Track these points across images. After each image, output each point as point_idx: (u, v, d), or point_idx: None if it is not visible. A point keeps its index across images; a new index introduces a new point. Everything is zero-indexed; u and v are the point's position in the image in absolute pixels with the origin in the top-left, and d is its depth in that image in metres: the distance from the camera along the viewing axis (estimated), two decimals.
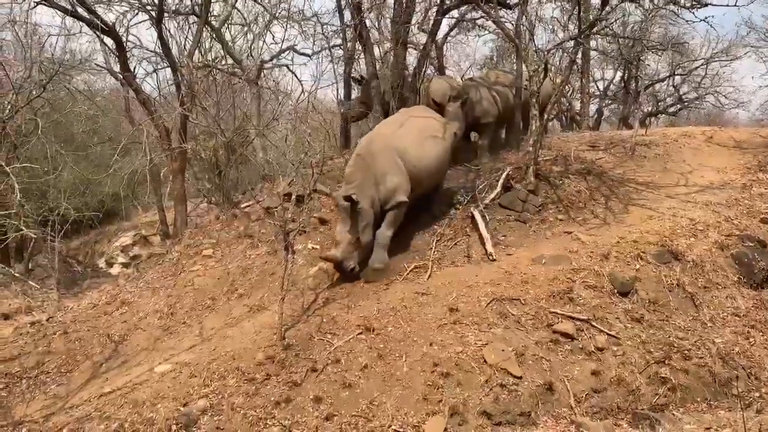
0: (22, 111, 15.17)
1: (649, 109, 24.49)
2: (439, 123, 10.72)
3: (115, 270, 17.57)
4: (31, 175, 15.71)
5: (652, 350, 7.41)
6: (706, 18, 11.02)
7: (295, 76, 20.40)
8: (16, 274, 15.54)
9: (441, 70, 16.93)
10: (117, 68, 14.94)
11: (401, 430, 6.24)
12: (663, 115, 25.81)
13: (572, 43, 12.31)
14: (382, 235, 9.37)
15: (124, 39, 13.58)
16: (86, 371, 8.52)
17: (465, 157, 12.56)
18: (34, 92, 14.80)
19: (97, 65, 17.30)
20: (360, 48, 13.94)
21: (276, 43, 17.96)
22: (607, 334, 7.55)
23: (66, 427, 6.66)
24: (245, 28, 17.64)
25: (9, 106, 14.54)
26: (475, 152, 12.81)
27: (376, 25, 15.46)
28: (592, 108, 24.05)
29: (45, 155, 16.14)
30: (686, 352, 7.41)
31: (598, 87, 25.31)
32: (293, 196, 9.47)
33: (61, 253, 15.08)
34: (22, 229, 13.96)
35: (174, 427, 6.27)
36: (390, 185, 9.34)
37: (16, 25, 15.13)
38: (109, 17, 12.23)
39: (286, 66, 18.31)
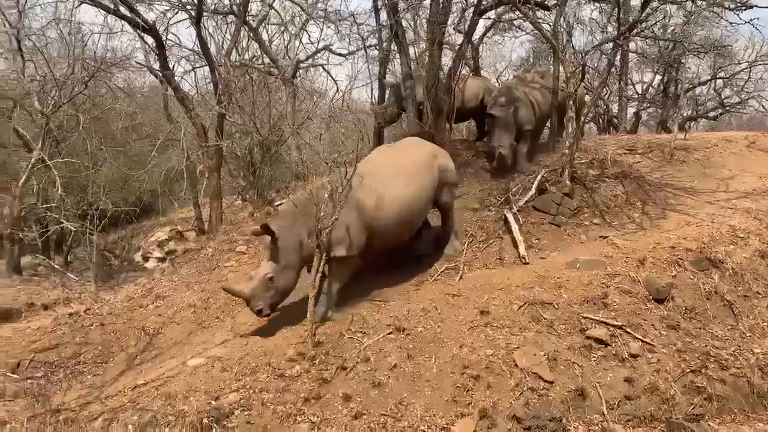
0: (65, 107, 15.57)
1: (689, 113, 23.99)
2: (426, 157, 9.09)
3: (151, 264, 17.87)
4: (72, 170, 16.11)
5: (687, 359, 7.25)
6: (751, 20, 10.79)
7: (330, 75, 20.64)
8: (56, 266, 15.97)
9: (476, 71, 16.86)
10: (156, 66, 15.22)
11: (430, 431, 6.23)
12: (703, 119, 25.29)
13: (611, 45, 12.13)
14: (328, 286, 8.46)
15: (163, 38, 13.82)
16: (121, 363, 8.68)
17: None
18: (76, 89, 15.18)
19: (137, 63, 17.65)
20: (395, 48, 13.94)
21: (312, 43, 18.10)
22: (642, 340, 7.41)
23: (101, 417, 6.79)
24: (282, 28, 17.81)
25: (52, 102, 14.94)
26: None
27: (412, 26, 15.45)
28: (630, 111, 23.67)
29: (85, 151, 16.55)
30: (723, 361, 7.23)
31: (636, 90, 24.90)
32: (326, 195, 9.52)
33: (98, 247, 15.39)
34: (62, 222, 14.39)
35: (205, 421, 6.34)
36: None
37: (60, 23, 15.52)
38: (150, 16, 12.49)
39: (322, 66, 18.44)
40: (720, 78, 23.27)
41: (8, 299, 11.87)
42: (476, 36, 16.46)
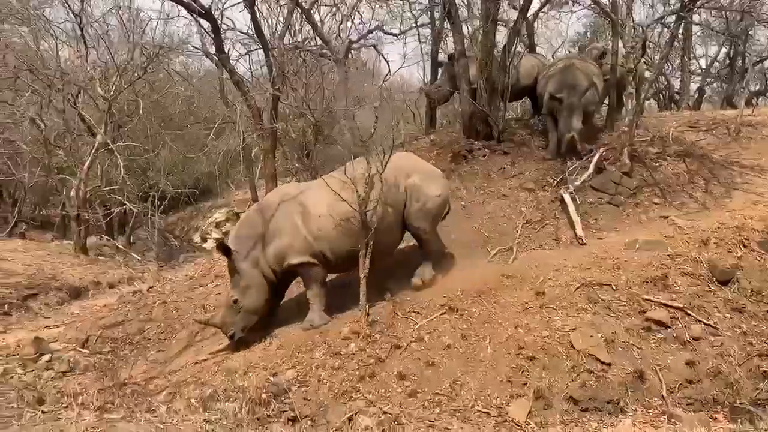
0: (125, 92, 16.05)
1: (757, 87, 22.90)
2: (394, 176, 8.27)
3: (209, 245, 18.32)
4: (133, 153, 16.68)
5: (753, 342, 6.99)
6: None
7: (382, 56, 20.49)
8: (120, 246, 16.59)
9: (532, 47, 16.49)
10: (212, 50, 15.47)
11: (485, 410, 6.23)
12: None
13: (674, 17, 11.66)
14: (308, 295, 8.25)
15: (219, 22, 14.02)
16: (183, 339, 8.99)
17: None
18: (135, 74, 15.61)
19: (194, 47, 18.06)
20: (448, 26, 13.76)
21: (364, 23, 18.05)
22: (704, 323, 7.18)
23: (165, 390, 7.07)
24: (334, 9, 17.83)
25: (114, 88, 15.41)
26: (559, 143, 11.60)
27: (465, 2, 15.21)
28: (693, 87, 22.75)
29: (146, 134, 17.06)
30: None
31: (700, 64, 23.91)
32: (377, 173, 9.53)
33: (159, 228, 15.90)
34: (125, 204, 14.92)
35: (264, 395, 6.51)
36: (275, 249, 8.03)
37: (121, 10, 15.95)
38: (206, 1, 12.62)
39: (374, 46, 18.41)
40: None
41: (76, 278, 12.43)
42: (531, 12, 16.09)
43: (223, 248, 8.04)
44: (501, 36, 14.49)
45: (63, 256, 14.11)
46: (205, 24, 14.52)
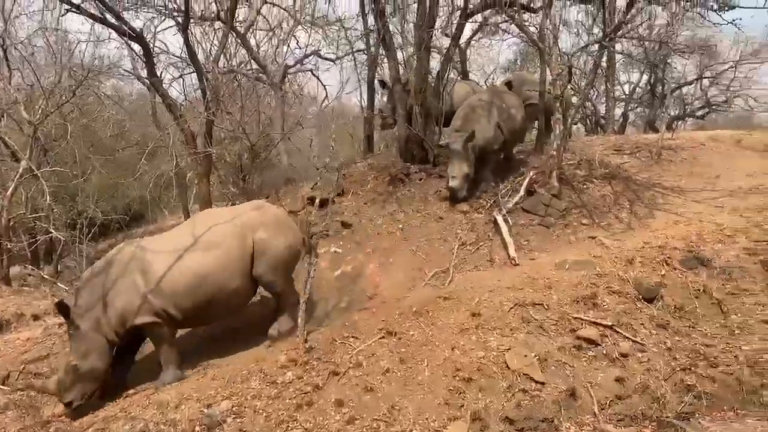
0: (52, 116, 15.51)
1: (676, 112, 24.20)
2: (238, 228, 8.10)
3: None
4: (61, 179, 16.06)
5: (677, 357, 7.29)
6: (734, 20, 10.92)
7: (319, 80, 20.63)
8: (45, 276, 15.86)
9: (465, 74, 16.93)
10: (144, 74, 15.18)
11: None
12: (690, 118, 25.48)
13: (597, 46, 12.21)
14: (158, 355, 7.92)
15: (151, 45, 13.79)
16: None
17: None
18: (63, 97, 15.12)
19: (125, 71, 17.63)
20: (383, 52, 13.98)
21: (300, 48, 18.13)
22: (632, 340, 7.44)
23: (92, 427, 6.76)
24: (270, 34, 17.84)
25: (40, 111, 14.87)
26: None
27: (400, 30, 15.51)
28: (618, 112, 23.83)
29: (74, 159, 16.50)
30: (713, 359, 7.27)
31: (623, 90, 25.09)
32: (316, 200, 9.55)
33: (88, 256, 15.32)
34: (51, 232, 14.32)
35: (198, 428, 6.33)
36: (116, 310, 7.52)
37: (47, 31, 15.46)
38: (137, 24, 12.46)
39: (310, 71, 18.49)
40: (706, 77, 23.50)
41: None
42: (464, 39, 16.57)
43: (61, 307, 7.42)
44: (435, 63, 14.83)
45: None
46: (137, 47, 14.27)
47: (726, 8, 10.72)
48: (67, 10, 12.00)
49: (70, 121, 16.19)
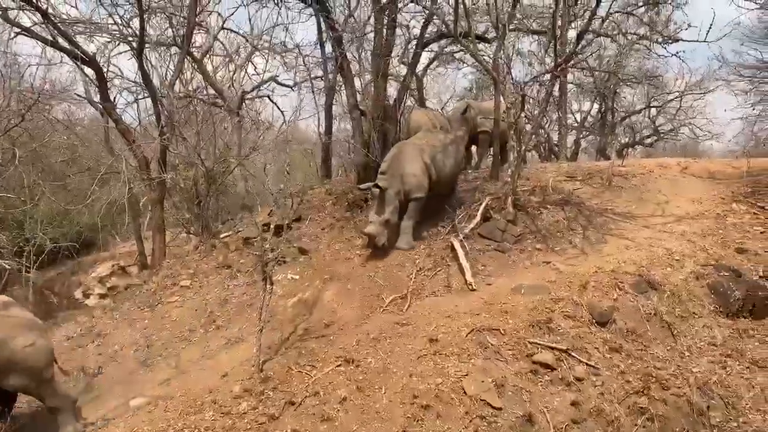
0: (0, 140, 15.05)
1: (626, 140, 24.96)
2: None
3: (92, 301, 17.24)
4: (8, 205, 15.52)
5: (630, 380, 7.42)
6: (677, 53, 11.44)
7: (277, 106, 20.67)
8: None
9: (421, 101, 17.17)
10: (97, 98, 14.92)
11: None
12: (639, 146, 26.30)
13: (549, 76, 12.56)
14: None
15: (105, 69, 13.59)
16: None
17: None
18: (12, 121, 14.71)
19: (77, 95, 17.30)
20: (341, 80, 14.08)
21: (258, 74, 18.12)
22: (587, 364, 7.55)
23: None
24: (227, 59, 17.79)
25: None
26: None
27: (357, 58, 15.67)
28: (570, 139, 24.43)
29: (22, 185, 15.97)
30: (664, 381, 7.43)
31: (575, 119, 25.76)
32: (272, 226, 9.47)
33: (36, 285, 14.83)
34: None
35: None
36: None
37: None
38: (90, 47, 12.27)
39: (268, 96, 18.48)
40: (653, 107, 24.34)
41: None
42: (420, 68, 16.82)
43: None
44: (392, 90, 15.00)
45: None
46: (90, 71, 14.04)
47: (670, 41, 11.19)
48: (18, 33, 11.77)
49: (19, 146, 15.72)
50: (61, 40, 12.05)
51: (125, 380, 8.61)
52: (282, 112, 21.82)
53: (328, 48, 14.55)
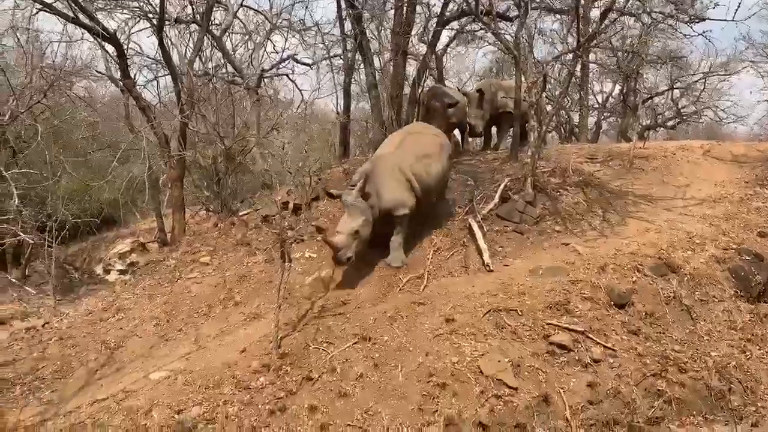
0: (22, 117, 15.21)
1: (648, 122, 24.59)
2: None
3: (112, 277, 17.50)
4: (30, 181, 15.70)
5: (648, 362, 7.40)
6: (704, 32, 11.18)
7: (295, 85, 20.64)
8: (13, 280, 15.53)
9: (440, 80, 17.02)
10: (118, 75, 14.99)
11: None
12: (661, 128, 25.95)
13: (571, 55, 12.38)
14: None
15: (125, 46, 13.62)
16: (81, 378, 8.46)
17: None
18: (34, 98, 14.83)
19: (98, 72, 17.35)
20: (360, 58, 13.99)
21: (276, 52, 18.06)
22: (604, 346, 7.53)
23: None
24: (246, 37, 17.75)
25: (9, 112, 14.57)
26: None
27: (377, 36, 15.55)
28: (591, 120, 24.16)
29: (44, 161, 16.15)
30: (682, 365, 7.40)
31: (597, 100, 25.46)
32: (290, 205, 9.49)
33: (58, 260, 15.05)
34: (19, 235, 14.02)
35: None
36: None
37: (18, 31, 15.17)
38: (111, 24, 12.28)
39: (286, 75, 18.42)
40: (677, 88, 23.95)
41: None
42: (440, 46, 16.65)
43: None
44: (411, 69, 14.89)
45: None
46: (110, 48, 14.09)
47: (696, 20, 10.95)
48: (39, 10, 11.82)
49: (41, 123, 15.87)
50: (81, 17, 12.08)
51: (145, 354, 8.73)
52: (300, 91, 21.77)
53: (348, 26, 14.44)
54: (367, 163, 10.14)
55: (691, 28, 11.25)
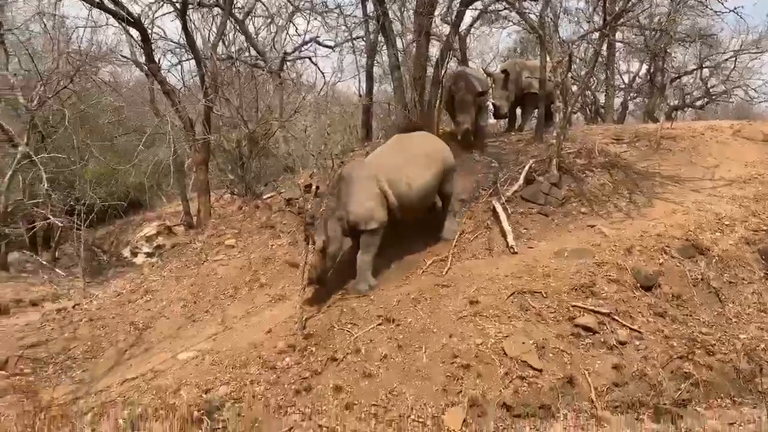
0: (50, 102, 15.43)
1: (676, 102, 24.11)
2: None
3: (140, 259, 17.82)
4: (59, 165, 15.98)
5: (675, 345, 7.32)
6: (735, 9, 10.86)
7: (318, 67, 20.61)
8: (44, 262, 15.89)
9: (464, 61, 16.84)
10: (142, 60, 15.11)
11: (420, 420, 6.26)
12: (690, 108, 25.41)
13: (597, 34, 12.17)
14: None
15: (149, 31, 13.71)
16: (111, 358, 8.66)
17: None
18: (61, 83, 15.03)
19: (123, 57, 17.55)
20: (382, 40, 13.89)
21: (299, 35, 18.04)
22: (630, 328, 7.47)
23: (90, 412, 6.79)
24: (268, 20, 17.75)
25: (37, 97, 14.79)
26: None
27: (399, 17, 15.41)
28: (617, 101, 23.75)
29: (72, 146, 16.41)
30: (710, 347, 7.31)
31: (623, 79, 24.98)
32: (314, 188, 9.51)
33: (86, 242, 15.32)
34: (49, 218, 14.29)
35: (196, 413, 6.35)
36: None
37: (44, 17, 15.35)
38: (135, 9, 12.38)
39: (309, 58, 18.42)
40: (706, 67, 23.36)
41: None
42: (463, 26, 16.45)
43: None
44: (434, 50, 14.74)
45: None
46: (135, 33, 14.19)
47: None
48: None
49: (68, 107, 16.10)
50: (106, 2, 12.18)
51: (173, 335, 8.89)
52: (323, 73, 21.76)
53: (370, 7, 14.33)
54: (346, 166, 9.57)
55: (722, 4, 10.96)
